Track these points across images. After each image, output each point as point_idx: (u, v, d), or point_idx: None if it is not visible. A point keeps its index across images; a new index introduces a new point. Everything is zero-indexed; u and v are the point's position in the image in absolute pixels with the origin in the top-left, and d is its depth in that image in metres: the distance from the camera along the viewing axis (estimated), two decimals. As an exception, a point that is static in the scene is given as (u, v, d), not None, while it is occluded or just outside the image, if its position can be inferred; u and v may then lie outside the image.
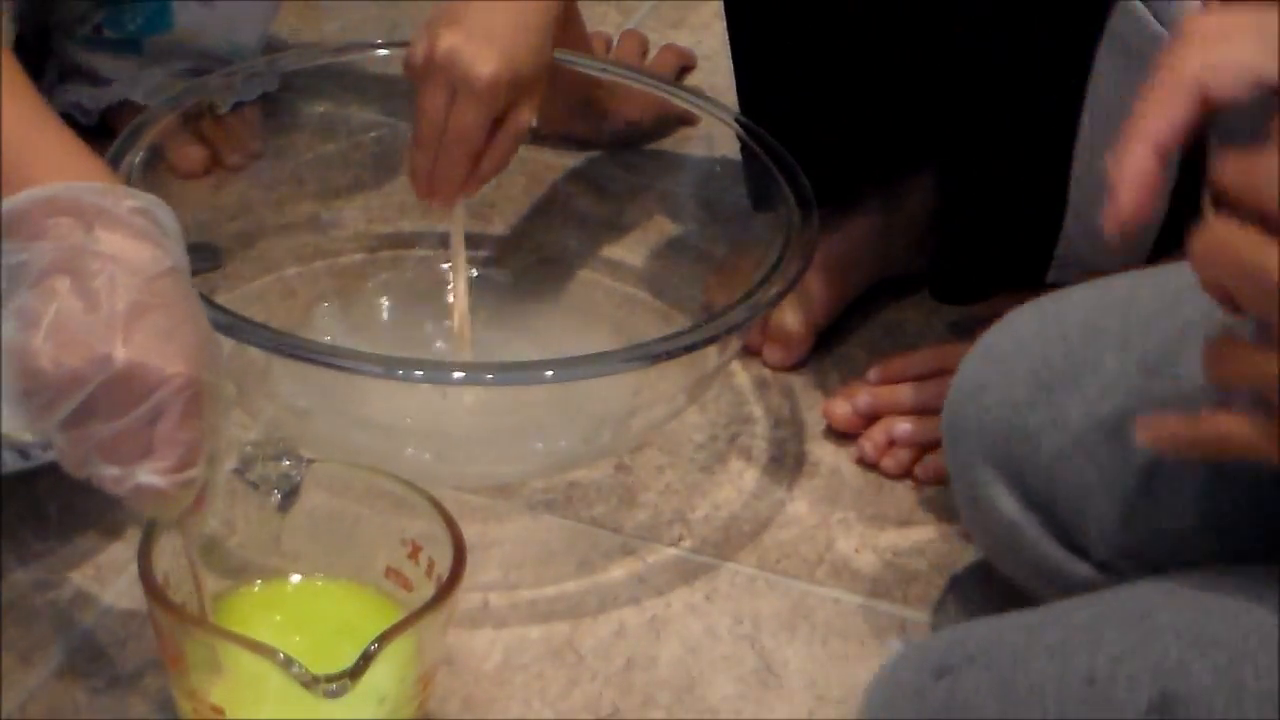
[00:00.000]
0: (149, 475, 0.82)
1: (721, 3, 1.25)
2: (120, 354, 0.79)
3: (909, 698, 0.73)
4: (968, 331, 1.27)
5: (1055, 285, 1.21)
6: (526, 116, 1.12)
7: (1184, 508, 0.82)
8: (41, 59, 1.41)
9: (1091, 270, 1.20)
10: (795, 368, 1.26)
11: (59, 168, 0.83)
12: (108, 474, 0.82)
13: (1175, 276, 0.86)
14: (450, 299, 1.21)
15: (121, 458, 0.82)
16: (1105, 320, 0.87)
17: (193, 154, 1.33)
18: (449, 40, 1.08)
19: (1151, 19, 1.07)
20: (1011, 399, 0.88)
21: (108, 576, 1.04)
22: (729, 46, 1.27)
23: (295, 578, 0.98)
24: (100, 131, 1.31)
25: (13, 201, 0.81)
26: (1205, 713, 0.66)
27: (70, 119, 1.41)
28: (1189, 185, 1.14)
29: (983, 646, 0.73)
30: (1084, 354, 0.87)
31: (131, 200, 0.83)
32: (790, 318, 1.25)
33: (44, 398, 0.80)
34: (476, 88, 1.08)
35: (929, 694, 0.72)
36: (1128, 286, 0.89)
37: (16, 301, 0.80)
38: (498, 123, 1.11)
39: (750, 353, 1.27)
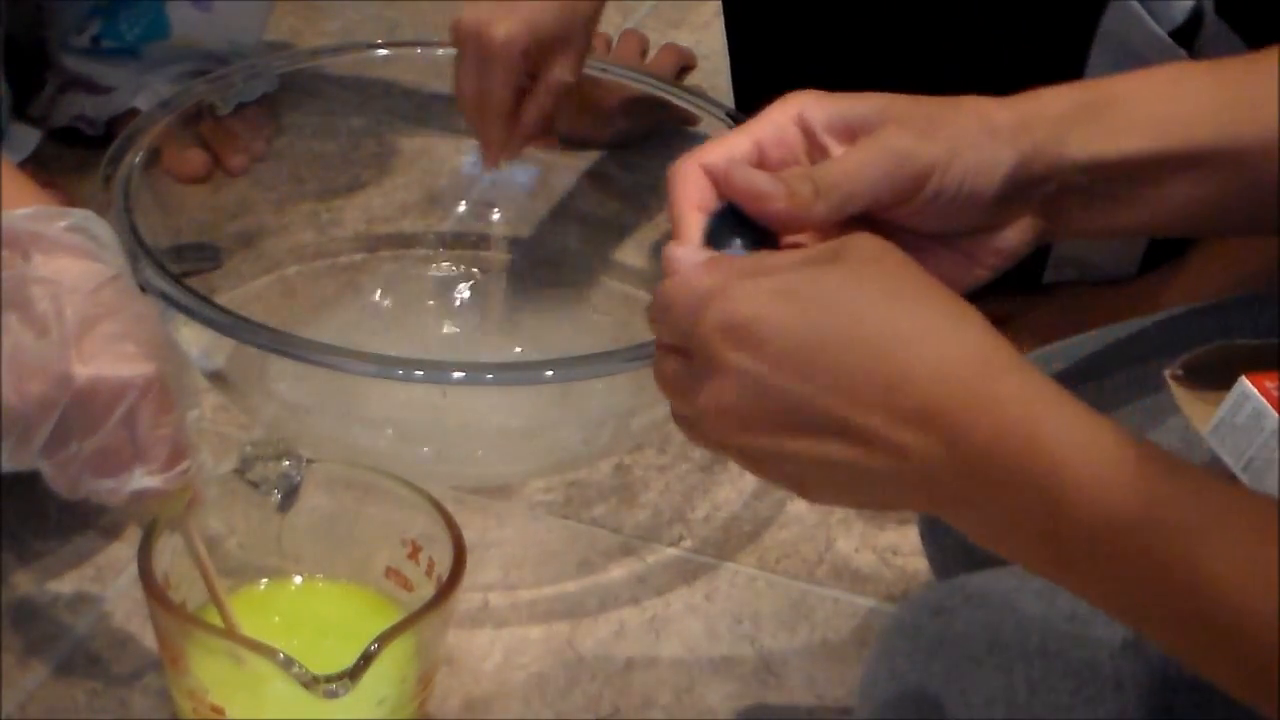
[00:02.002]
0: (143, 478, 0.83)
1: (721, 1, 1.25)
2: (79, 370, 0.80)
3: (906, 633, 0.75)
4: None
5: (1052, 285, 1.21)
6: (559, 74, 1.15)
7: None
8: (40, 70, 1.41)
9: (1087, 270, 1.21)
10: None
11: None
12: (103, 487, 0.83)
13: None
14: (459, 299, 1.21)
15: (112, 468, 0.82)
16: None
17: (192, 158, 1.32)
18: (472, 10, 1.12)
19: (1147, 17, 1.06)
20: None
21: (108, 576, 1.04)
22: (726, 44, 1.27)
23: (296, 578, 0.98)
24: (108, 142, 1.31)
25: None
26: None
27: (76, 131, 1.41)
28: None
29: (979, 589, 0.76)
30: None
31: (64, 220, 0.82)
32: None
33: (17, 431, 0.80)
34: (494, 51, 1.11)
35: (925, 629, 0.75)
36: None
37: None
38: (535, 83, 1.14)
39: None
